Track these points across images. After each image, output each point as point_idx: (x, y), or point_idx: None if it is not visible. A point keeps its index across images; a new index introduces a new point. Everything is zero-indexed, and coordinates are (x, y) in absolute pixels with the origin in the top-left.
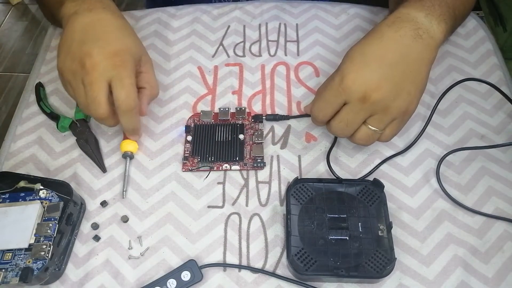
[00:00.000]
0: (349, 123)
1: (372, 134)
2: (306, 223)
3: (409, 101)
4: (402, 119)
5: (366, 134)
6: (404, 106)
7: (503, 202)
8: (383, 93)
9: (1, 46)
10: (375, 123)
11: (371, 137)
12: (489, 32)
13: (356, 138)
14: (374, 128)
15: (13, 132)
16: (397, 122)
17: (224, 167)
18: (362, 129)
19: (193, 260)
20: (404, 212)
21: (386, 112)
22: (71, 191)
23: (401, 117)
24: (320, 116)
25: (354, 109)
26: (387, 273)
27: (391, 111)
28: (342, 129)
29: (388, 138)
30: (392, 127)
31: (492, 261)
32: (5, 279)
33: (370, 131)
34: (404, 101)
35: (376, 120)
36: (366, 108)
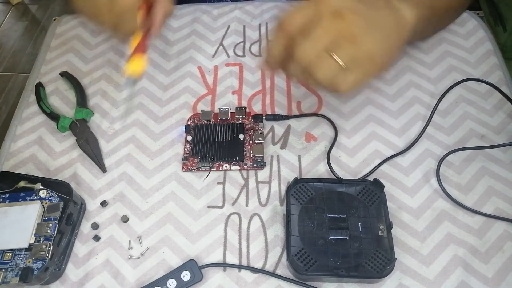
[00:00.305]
0: (315, 39)
1: (333, 67)
2: (306, 223)
3: (376, 48)
4: (366, 66)
5: (329, 66)
6: (372, 49)
7: (503, 202)
8: (357, 19)
9: (1, 46)
10: (339, 52)
11: (331, 71)
12: (489, 32)
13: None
14: (337, 58)
15: (13, 132)
16: (360, 66)
17: (224, 167)
18: (325, 59)
19: (193, 260)
20: (404, 212)
21: (353, 42)
22: (71, 191)
23: (366, 62)
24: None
25: (324, 24)
26: (387, 273)
27: (359, 44)
28: (305, 45)
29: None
30: (354, 71)
31: (492, 261)
32: (5, 279)
33: (332, 62)
34: (372, 45)
35: (340, 48)
36: (336, 25)
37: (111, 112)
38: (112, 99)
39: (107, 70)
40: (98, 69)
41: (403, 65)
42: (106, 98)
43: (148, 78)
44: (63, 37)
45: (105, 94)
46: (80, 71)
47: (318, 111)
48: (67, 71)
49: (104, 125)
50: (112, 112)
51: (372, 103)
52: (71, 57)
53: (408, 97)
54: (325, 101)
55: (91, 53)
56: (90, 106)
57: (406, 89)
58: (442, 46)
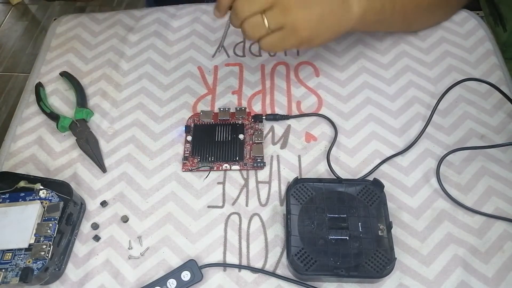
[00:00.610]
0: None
1: (260, 26)
2: (306, 223)
3: (304, 24)
4: (286, 35)
5: (255, 22)
6: (298, 22)
7: (503, 202)
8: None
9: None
10: (269, 17)
11: (258, 29)
12: (489, 32)
13: (247, 22)
14: (265, 21)
15: (13, 132)
16: (282, 33)
17: (224, 167)
18: (256, 17)
19: (193, 260)
20: (404, 212)
21: (284, 11)
22: (71, 191)
23: (288, 32)
24: None
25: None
26: (387, 273)
27: (288, 14)
28: (243, 3)
29: (267, 44)
30: (275, 35)
31: (492, 261)
32: (5, 279)
33: (261, 22)
34: (302, 19)
35: (271, 14)
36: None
37: (111, 112)
38: (112, 99)
39: (107, 70)
40: (98, 69)
41: (403, 65)
42: (106, 98)
43: (148, 78)
44: (63, 37)
45: (105, 94)
46: (80, 71)
47: (318, 111)
48: (67, 71)
49: (104, 125)
50: (112, 112)
51: (372, 103)
52: (71, 57)
53: (408, 97)
54: (325, 101)
55: (91, 53)
56: (90, 106)
57: (406, 89)
58: (442, 46)
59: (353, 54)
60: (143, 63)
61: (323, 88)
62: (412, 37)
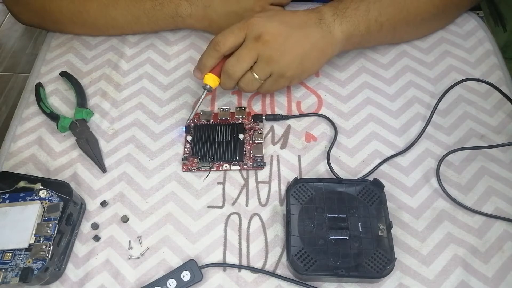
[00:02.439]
0: (240, 59)
1: (253, 81)
2: (306, 223)
3: (289, 66)
4: (277, 80)
5: (248, 79)
6: (283, 68)
7: (503, 202)
8: (274, 42)
9: (1, 46)
10: (257, 70)
11: (252, 83)
12: (489, 32)
13: (241, 81)
14: (255, 75)
15: (13, 132)
16: (273, 79)
17: (224, 167)
18: (247, 74)
19: (193, 260)
20: (404, 212)
21: (268, 62)
22: (71, 191)
23: (277, 77)
24: (221, 41)
25: (247, 46)
26: (387, 273)
27: (272, 64)
28: (233, 65)
29: (263, 90)
30: (267, 83)
31: (492, 260)
32: (5, 279)
33: (252, 77)
34: (285, 63)
35: (258, 67)
36: (256, 48)
37: (111, 112)
38: (112, 99)
39: (107, 70)
40: (98, 69)
41: (403, 65)
42: (106, 98)
43: (148, 78)
44: (63, 37)
45: (105, 94)
46: (80, 71)
47: (318, 111)
48: (67, 71)
49: (104, 125)
50: (112, 112)
51: (372, 103)
52: (71, 57)
53: (408, 97)
54: (325, 101)
55: (91, 53)
56: (90, 106)
57: (406, 89)
58: (442, 46)
59: (353, 54)
60: (143, 63)
61: (323, 88)
62: None
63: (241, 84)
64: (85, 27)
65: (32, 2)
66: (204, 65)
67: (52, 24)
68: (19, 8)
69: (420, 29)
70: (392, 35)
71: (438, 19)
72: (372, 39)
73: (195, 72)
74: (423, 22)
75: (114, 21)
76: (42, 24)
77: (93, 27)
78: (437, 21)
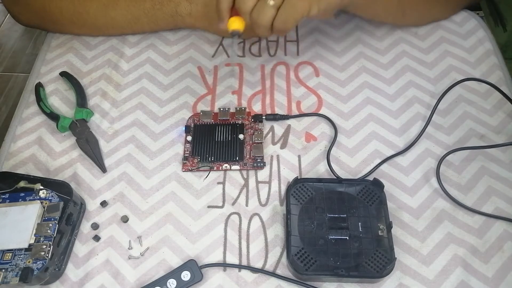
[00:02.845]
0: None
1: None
2: (306, 223)
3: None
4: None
5: (261, 7)
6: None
7: (503, 202)
8: None
9: (1, 46)
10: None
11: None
12: (489, 32)
13: (254, 12)
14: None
15: (13, 132)
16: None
17: (224, 167)
18: (259, 3)
19: (193, 260)
20: (404, 212)
21: None
22: (71, 191)
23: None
24: None
25: None
26: (387, 272)
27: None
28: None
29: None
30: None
31: (492, 260)
32: (5, 279)
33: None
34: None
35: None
36: None
37: (111, 112)
38: (112, 99)
39: (107, 70)
40: (98, 69)
41: (403, 65)
42: (106, 98)
43: (148, 78)
44: (63, 37)
45: (105, 94)
46: (80, 71)
47: (318, 111)
48: (67, 71)
49: (104, 125)
50: (112, 112)
51: (372, 103)
52: (71, 57)
53: (408, 97)
54: (325, 101)
55: (91, 53)
56: (90, 106)
57: (406, 89)
58: (442, 46)
59: (353, 54)
60: (143, 63)
61: (323, 88)
62: (412, 37)
63: (253, 15)
64: (85, 28)
65: (31, 3)
66: (221, 11)
67: (52, 25)
68: (18, 9)
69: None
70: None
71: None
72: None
73: (219, 25)
74: None
75: (114, 21)
76: (42, 25)
77: (93, 27)
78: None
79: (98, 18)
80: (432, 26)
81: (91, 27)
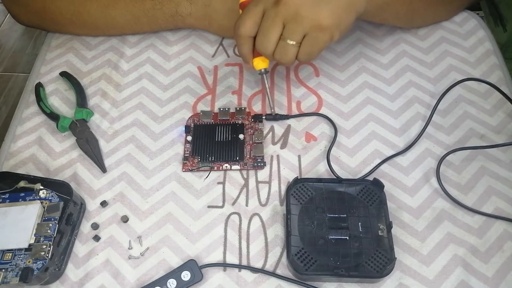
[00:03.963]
0: (266, 32)
1: (288, 48)
2: (306, 223)
3: (322, 15)
4: (315, 36)
5: (282, 48)
6: (315, 20)
7: (503, 202)
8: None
9: (1, 46)
10: (288, 34)
11: (288, 51)
12: (489, 32)
13: (276, 53)
14: (289, 41)
15: (13, 132)
16: (310, 38)
17: (224, 167)
18: (280, 44)
19: (193, 260)
20: (404, 212)
21: (297, 20)
22: (71, 191)
23: (313, 33)
24: (240, 24)
25: (270, 15)
26: (387, 272)
27: (302, 20)
28: (262, 41)
29: (303, 55)
30: (305, 44)
31: (492, 260)
32: (5, 279)
33: (286, 44)
34: (316, 13)
35: (289, 31)
36: (279, 12)
37: (111, 112)
38: (112, 99)
39: (107, 70)
40: (98, 69)
41: (403, 65)
42: (106, 98)
43: (148, 78)
44: (63, 37)
45: (105, 94)
46: (80, 71)
47: (318, 111)
48: (67, 71)
49: (104, 125)
50: (112, 112)
51: (372, 103)
52: (71, 57)
53: (408, 97)
54: (325, 101)
55: (91, 53)
56: (90, 106)
57: (406, 89)
58: (442, 46)
59: (353, 54)
60: (143, 63)
61: (323, 88)
62: (412, 37)
63: (276, 57)
64: (85, 28)
65: (31, 3)
66: (244, 55)
67: (52, 25)
68: (18, 9)
69: (430, 8)
70: (407, 6)
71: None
72: (391, 5)
73: (244, 66)
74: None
75: (114, 21)
76: (42, 25)
77: (93, 28)
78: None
79: (98, 18)
80: (432, 26)
81: (91, 27)
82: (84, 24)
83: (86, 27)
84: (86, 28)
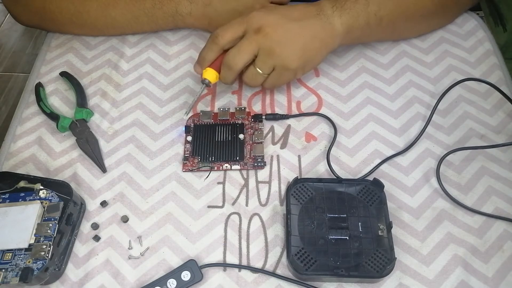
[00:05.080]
0: (241, 50)
1: (257, 75)
2: (306, 223)
3: (291, 58)
4: (280, 73)
5: (252, 73)
6: (285, 59)
7: (503, 202)
8: (275, 34)
9: (1, 46)
10: (260, 64)
11: (256, 78)
12: (489, 32)
13: (245, 76)
14: (258, 70)
15: (13, 132)
16: (276, 73)
17: (224, 167)
18: (250, 69)
19: (193, 260)
20: (404, 212)
21: (270, 54)
22: (71, 191)
23: (280, 70)
24: (220, 34)
25: (248, 38)
26: (387, 272)
27: (274, 56)
28: (234, 56)
29: (268, 85)
30: (272, 76)
31: (492, 260)
32: (5, 279)
33: (256, 71)
34: (287, 55)
35: (261, 61)
36: (257, 40)
37: (111, 112)
38: (112, 99)
39: (107, 70)
40: (98, 69)
41: (403, 65)
42: (106, 98)
43: (148, 78)
44: (63, 37)
45: (105, 94)
46: (80, 71)
47: (318, 111)
48: (67, 71)
49: (104, 125)
50: (112, 112)
51: (372, 103)
52: (71, 57)
53: (408, 97)
54: (325, 101)
55: (91, 53)
56: (90, 106)
57: (406, 89)
58: (442, 46)
59: (353, 54)
60: (143, 63)
61: (323, 88)
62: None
63: (245, 79)
64: (85, 27)
65: (31, 3)
66: (203, 59)
67: (52, 25)
68: (18, 9)
69: (419, 26)
70: (391, 30)
71: (437, 17)
72: (372, 34)
73: (195, 67)
74: (422, 18)
75: (114, 21)
76: (42, 25)
77: (93, 27)
78: (436, 19)
79: (98, 18)
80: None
81: (91, 27)
82: (84, 24)
83: (86, 27)
84: (86, 28)
